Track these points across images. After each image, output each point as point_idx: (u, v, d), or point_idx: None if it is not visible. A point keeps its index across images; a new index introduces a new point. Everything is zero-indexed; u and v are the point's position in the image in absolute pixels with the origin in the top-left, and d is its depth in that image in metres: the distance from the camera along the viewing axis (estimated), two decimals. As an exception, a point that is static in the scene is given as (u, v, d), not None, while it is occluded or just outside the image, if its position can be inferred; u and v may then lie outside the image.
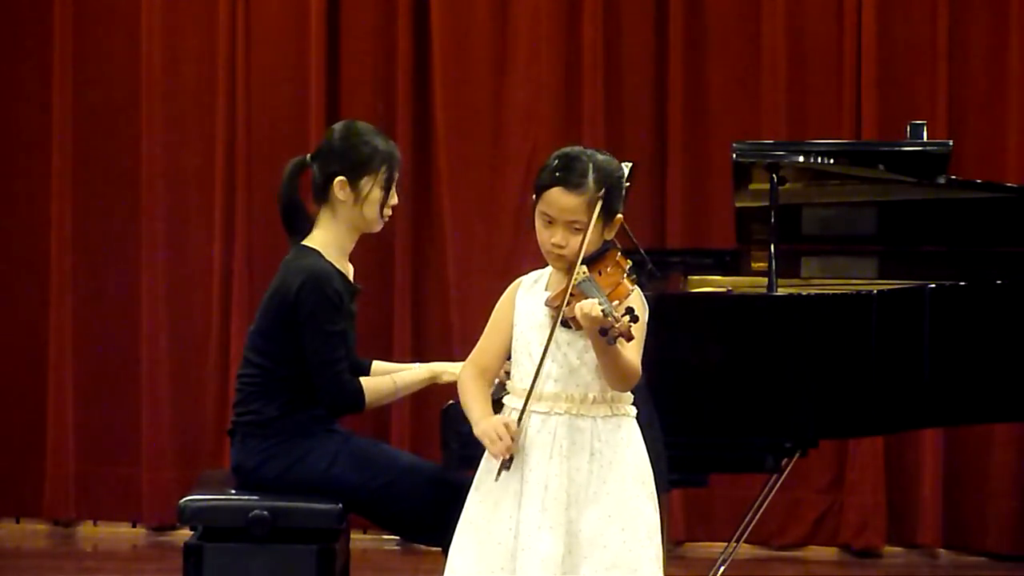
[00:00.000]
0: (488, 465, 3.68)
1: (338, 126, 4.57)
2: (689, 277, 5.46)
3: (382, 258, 6.58)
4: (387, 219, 4.53)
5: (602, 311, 3.43)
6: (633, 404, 3.69)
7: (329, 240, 4.45)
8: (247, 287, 6.66)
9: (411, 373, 4.52)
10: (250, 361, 4.44)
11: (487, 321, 3.77)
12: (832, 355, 4.60)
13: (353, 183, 4.43)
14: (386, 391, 4.48)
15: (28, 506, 6.90)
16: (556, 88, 6.68)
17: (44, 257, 6.83)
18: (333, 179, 4.44)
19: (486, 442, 3.61)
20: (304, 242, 4.47)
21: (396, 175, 4.50)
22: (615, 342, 3.45)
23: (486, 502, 3.66)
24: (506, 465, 3.60)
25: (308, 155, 4.54)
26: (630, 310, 3.47)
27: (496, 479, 3.61)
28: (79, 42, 6.82)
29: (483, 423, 3.64)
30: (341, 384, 4.37)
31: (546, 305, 3.62)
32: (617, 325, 3.43)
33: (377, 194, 4.45)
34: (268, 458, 4.38)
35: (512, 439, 3.58)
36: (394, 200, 4.51)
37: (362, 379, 4.43)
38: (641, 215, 6.36)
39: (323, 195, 4.47)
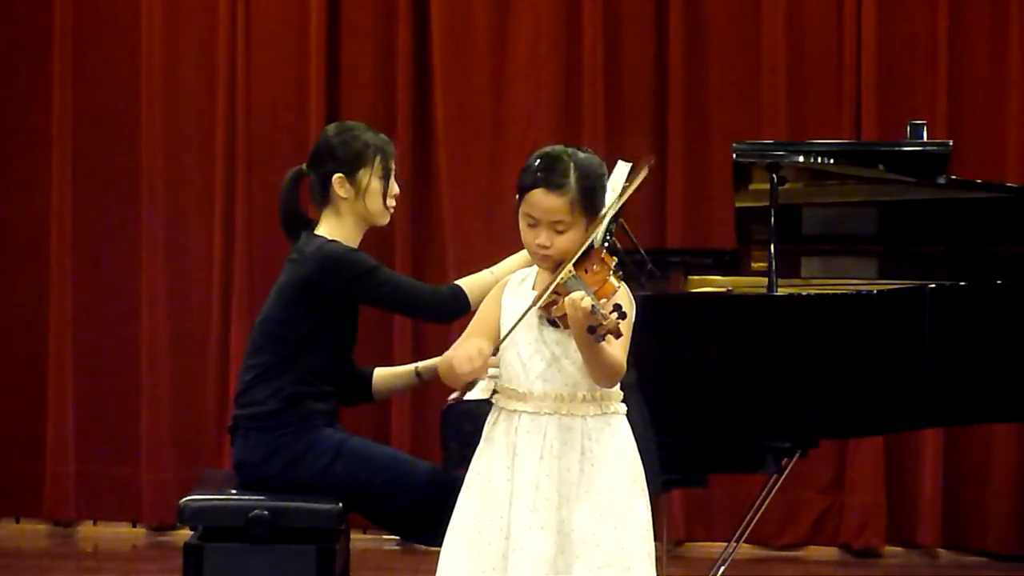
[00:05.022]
0: (478, 466, 3.69)
1: (328, 127, 4.63)
2: (689, 277, 5.46)
3: (382, 258, 6.55)
4: (392, 209, 4.55)
5: (591, 308, 3.43)
6: (623, 402, 3.69)
7: (335, 234, 4.47)
8: (247, 287, 6.66)
9: (510, 261, 4.43)
10: (263, 349, 4.43)
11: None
12: (832, 355, 4.60)
13: (351, 178, 4.47)
14: (485, 281, 4.40)
15: (28, 506, 6.90)
16: (556, 88, 6.68)
17: (44, 256, 6.83)
18: (331, 178, 4.46)
19: (456, 362, 3.58)
20: (313, 232, 4.50)
21: (392, 165, 4.53)
22: (604, 339, 3.45)
23: (477, 503, 3.66)
24: (468, 389, 3.63)
25: (304, 164, 4.56)
26: (618, 307, 3.46)
27: (453, 398, 3.64)
28: (79, 42, 6.82)
29: (461, 345, 3.63)
30: (431, 293, 4.41)
31: (533, 304, 3.61)
32: (605, 323, 3.42)
33: (377, 185, 4.49)
34: (270, 453, 4.38)
35: (481, 366, 3.56)
36: (395, 190, 4.55)
37: (459, 281, 4.43)
38: (641, 215, 6.37)
39: (324, 197, 4.49)
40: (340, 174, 4.46)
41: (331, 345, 4.44)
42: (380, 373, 4.68)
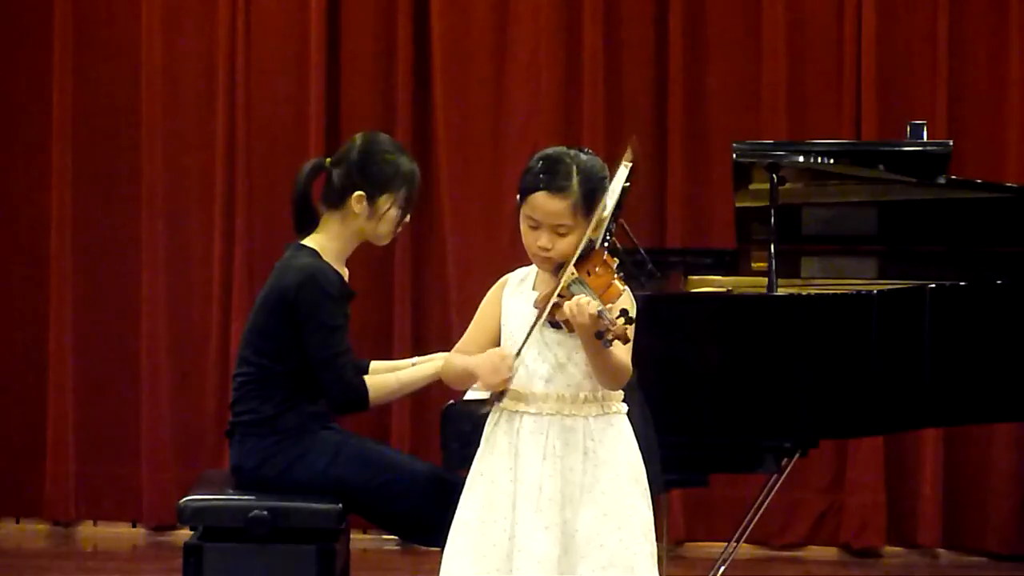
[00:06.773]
0: (480, 467, 3.69)
1: (362, 137, 4.55)
2: (689, 277, 5.46)
3: (382, 258, 6.57)
4: (396, 235, 4.54)
5: (597, 313, 3.42)
6: (624, 402, 3.68)
7: (330, 243, 4.45)
8: (247, 287, 6.65)
9: (416, 370, 4.50)
10: (247, 360, 4.44)
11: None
12: (832, 355, 4.60)
13: (372, 200, 4.43)
14: (391, 388, 4.47)
15: (28, 506, 6.90)
16: (556, 88, 6.68)
17: (44, 257, 6.83)
18: (351, 191, 4.43)
19: (482, 373, 3.60)
20: (303, 241, 4.47)
21: (414, 197, 4.50)
22: (611, 344, 3.44)
23: (480, 504, 3.66)
24: (497, 398, 3.62)
25: (327, 158, 4.53)
26: (624, 312, 3.45)
27: (484, 410, 3.64)
28: (79, 42, 6.82)
29: (482, 356, 3.63)
30: (345, 381, 4.37)
31: (534, 307, 3.61)
32: (613, 328, 3.41)
33: (394, 213, 4.46)
34: (267, 457, 4.38)
35: (508, 373, 3.58)
36: (406, 219, 4.52)
37: (366, 377, 4.43)
38: (641, 215, 6.36)
39: (337, 202, 4.46)
40: (362, 192, 4.44)
41: None
42: (376, 367, 4.64)
